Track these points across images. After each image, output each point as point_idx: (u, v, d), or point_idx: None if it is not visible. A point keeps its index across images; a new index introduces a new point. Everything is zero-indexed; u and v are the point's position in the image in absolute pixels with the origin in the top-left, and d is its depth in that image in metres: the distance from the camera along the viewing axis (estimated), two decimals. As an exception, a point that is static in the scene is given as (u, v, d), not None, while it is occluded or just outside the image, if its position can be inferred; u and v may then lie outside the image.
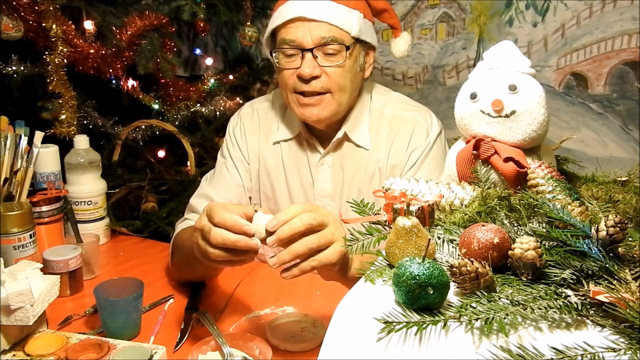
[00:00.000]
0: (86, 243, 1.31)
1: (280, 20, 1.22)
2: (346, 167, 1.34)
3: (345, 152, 1.34)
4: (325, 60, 1.21)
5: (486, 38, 1.80)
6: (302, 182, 1.36)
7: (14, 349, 0.95)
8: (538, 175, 0.81)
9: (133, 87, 1.70)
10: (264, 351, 0.97)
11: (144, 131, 1.69)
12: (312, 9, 1.20)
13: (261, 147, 1.39)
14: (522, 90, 0.91)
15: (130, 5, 1.68)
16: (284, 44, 1.22)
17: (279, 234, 0.89)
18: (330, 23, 1.20)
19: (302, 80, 1.22)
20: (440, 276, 0.59)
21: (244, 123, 1.41)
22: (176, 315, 1.13)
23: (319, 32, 1.20)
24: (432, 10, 1.86)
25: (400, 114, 1.34)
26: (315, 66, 1.21)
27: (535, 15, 1.73)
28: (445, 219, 0.83)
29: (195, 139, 1.75)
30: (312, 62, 1.21)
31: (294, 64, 1.22)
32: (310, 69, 1.20)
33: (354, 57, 1.25)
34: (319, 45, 1.20)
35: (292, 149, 1.37)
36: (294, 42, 1.21)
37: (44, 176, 1.43)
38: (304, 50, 1.20)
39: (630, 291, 0.57)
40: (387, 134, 1.33)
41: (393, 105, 1.35)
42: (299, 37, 1.20)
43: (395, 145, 1.32)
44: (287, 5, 1.23)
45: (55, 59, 1.44)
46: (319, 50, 1.21)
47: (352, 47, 1.23)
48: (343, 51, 1.21)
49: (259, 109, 1.42)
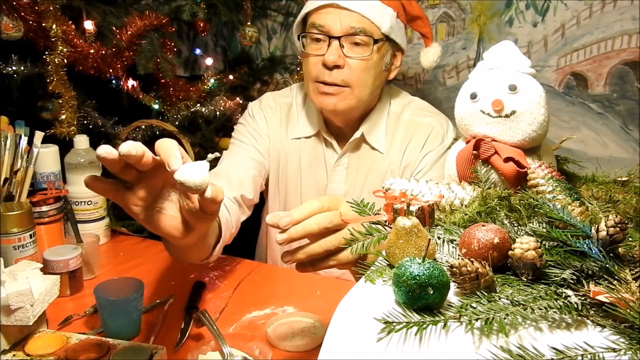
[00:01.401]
0: (86, 243, 1.31)
1: (313, 5, 1.22)
2: (361, 168, 1.34)
3: (362, 154, 1.34)
4: (352, 51, 1.21)
5: (486, 38, 1.80)
6: (317, 181, 1.37)
7: (14, 349, 0.95)
8: (538, 175, 0.81)
9: (133, 87, 1.70)
10: (264, 351, 0.97)
11: (144, 131, 1.69)
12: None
13: (282, 140, 1.39)
14: (522, 90, 0.91)
15: (130, 5, 1.68)
16: (312, 27, 1.22)
17: (291, 233, 0.83)
18: (362, 14, 1.19)
19: (325, 67, 1.21)
20: (440, 276, 0.59)
21: (267, 113, 1.41)
22: (176, 315, 1.13)
23: (350, 21, 1.19)
24: (432, 10, 1.86)
25: (418, 119, 1.34)
26: (341, 55, 1.20)
27: (535, 15, 1.73)
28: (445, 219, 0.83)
29: (195, 139, 1.75)
30: (338, 51, 1.20)
31: (320, 50, 1.22)
32: (334, 57, 1.20)
33: (381, 53, 1.24)
34: (347, 35, 1.19)
35: (310, 147, 1.38)
36: (323, 27, 1.20)
37: (44, 176, 1.43)
38: (331, 38, 1.20)
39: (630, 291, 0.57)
40: (403, 137, 1.33)
41: (411, 111, 1.36)
42: (328, 22, 1.20)
43: (410, 149, 1.32)
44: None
45: (55, 59, 1.44)
46: (346, 40, 1.20)
47: (381, 43, 1.22)
48: (371, 44, 1.20)
49: (281, 103, 1.42)
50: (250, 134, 1.40)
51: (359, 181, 1.34)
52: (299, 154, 1.38)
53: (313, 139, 1.37)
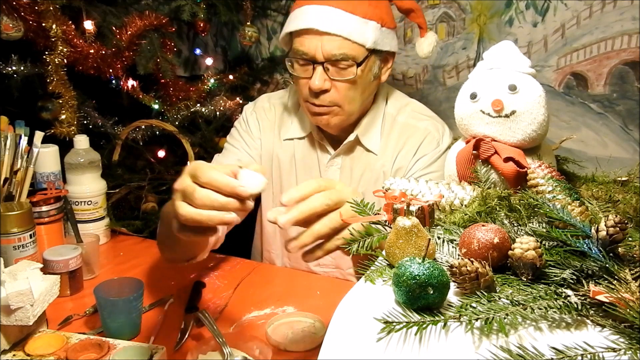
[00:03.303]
0: (86, 243, 1.31)
1: (294, 27, 1.22)
2: (355, 169, 1.34)
3: (356, 155, 1.34)
4: (337, 73, 1.21)
5: (486, 38, 1.80)
6: None
7: (14, 349, 0.95)
8: (538, 175, 0.81)
9: (133, 87, 1.70)
10: (264, 351, 0.97)
11: (144, 131, 1.69)
12: (325, 21, 1.18)
13: (275, 142, 1.40)
14: (522, 90, 0.91)
15: (130, 5, 1.68)
16: (297, 54, 1.22)
17: (296, 215, 0.83)
18: (343, 37, 1.18)
19: (312, 93, 1.22)
20: (440, 276, 0.59)
21: (260, 115, 1.42)
22: (176, 315, 1.13)
23: (330, 47, 1.18)
24: (432, 10, 1.86)
25: (413, 122, 1.34)
26: (326, 79, 1.21)
27: (535, 15, 1.73)
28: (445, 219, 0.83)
29: (195, 139, 1.75)
30: (323, 76, 1.20)
31: (307, 73, 1.23)
32: (320, 83, 1.20)
33: (368, 67, 1.23)
34: (330, 59, 1.19)
35: (303, 147, 1.38)
36: (307, 54, 1.20)
37: (44, 176, 1.43)
38: (315, 63, 1.20)
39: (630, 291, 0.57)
40: (397, 140, 1.33)
41: (407, 113, 1.35)
42: (311, 49, 1.19)
43: (403, 152, 1.32)
44: (302, 12, 1.22)
45: (55, 59, 1.44)
46: (330, 64, 1.20)
47: (366, 60, 1.21)
48: (354, 67, 1.20)
49: (275, 104, 1.43)
50: (242, 138, 1.41)
51: (354, 181, 1.33)
52: (292, 155, 1.38)
53: (306, 140, 1.38)
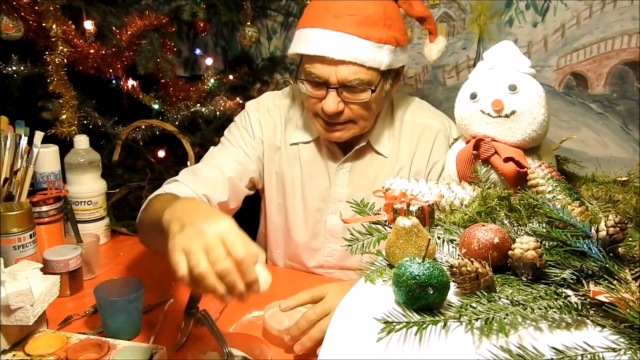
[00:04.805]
0: (86, 243, 1.31)
1: (306, 51, 1.19)
2: (365, 173, 1.33)
3: (366, 159, 1.33)
4: (351, 96, 1.19)
5: (486, 38, 1.80)
6: (319, 185, 1.36)
7: (14, 349, 0.95)
8: (538, 175, 0.81)
9: (133, 87, 1.70)
10: (264, 351, 0.97)
11: (144, 131, 1.69)
12: (339, 48, 1.15)
13: (278, 144, 1.38)
14: (522, 90, 0.91)
15: (130, 5, 1.68)
16: (309, 75, 1.20)
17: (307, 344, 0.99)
18: (357, 64, 1.16)
19: (325, 114, 1.21)
20: (440, 276, 0.59)
21: (263, 115, 1.39)
22: (176, 315, 1.13)
23: (345, 74, 1.16)
24: (432, 10, 1.86)
25: (420, 120, 1.33)
26: (340, 101, 1.19)
27: (535, 15, 1.73)
28: (445, 219, 0.83)
29: (195, 139, 1.75)
30: (337, 99, 1.19)
31: (319, 93, 1.21)
32: (334, 106, 1.18)
33: (381, 87, 1.22)
34: (344, 84, 1.18)
35: (310, 151, 1.36)
36: (320, 77, 1.18)
37: (44, 176, 1.43)
38: (329, 87, 1.19)
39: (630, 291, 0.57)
40: (409, 141, 1.32)
41: (412, 111, 1.35)
42: (324, 74, 1.18)
43: (418, 154, 1.32)
44: (315, 36, 1.18)
45: (55, 59, 1.44)
46: (343, 88, 1.18)
47: (379, 83, 1.20)
48: (368, 91, 1.19)
49: (280, 106, 1.40)
50: (241, 136, 1.38)
51: (365, 185, 1.32)
52: (298, 157, 1.36)
53: (313, 144, 1.36)
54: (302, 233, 1.39)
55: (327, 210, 1.36)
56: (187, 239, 0.77)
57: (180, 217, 0.83)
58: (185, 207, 0.87)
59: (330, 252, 1.38)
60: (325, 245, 1.38)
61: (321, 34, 1.17)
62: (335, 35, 1.16)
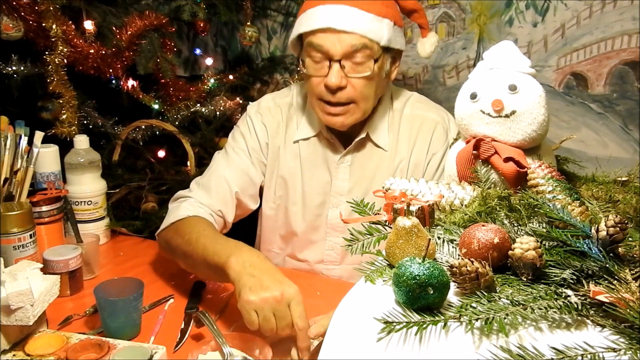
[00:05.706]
0: (86, 243, 1.31)
1: (309, 27, 1.21)
2: (366, 166, 1.34)
3: (366, 152, 1.34)
4: (353, 70, 1.21)
5: (486, 38, 1.80)
6: (320, 179, 1.37)
7: (14, 349, 0.95)
8: (538, 175, 0.81)
9: (133, 87, 1.70)
10: (264, 351, 0.97)
11: (144, 131, 1.69)
12: (342, 19, 1.18)
13: (281, 143, 1.38)
14: (522, 90, 0.91)
15: (130, 5, 1.68)
16: (311, 48, 1.22)
17: None
18: (360, 34, 1.18)
19: (329, 90, 1.22)
20: (440, 276, 0.59)
21: (266, 117, 1.40)
22: (176, 315, 1.13)
23: (350, 39, 1.18)
24: (432, 10, 1.86)
25: (419, 113, 1.35)
26: (342, 76, 1.20)
27: (535, 15, 1.73)
28: (445, 219, 0.83)
29: (195, 139, 1.75)
30: (340, 73, 1.20)
31: (322, 71, 1.22)
32: (337, 80, 1.20)
33: (381, 64, 1.24)
34: (347, 55, 1.19)
35: (311, 147, 1.37)
36: (322, 47, 1.20)
37: (44, 176, 1.43)
38: (331, 60, 1.20)
39: (630, 291, 0.57)
40: (408, 133, 1.34)
41: (412, 105, 1.37)
42: (327, 44, 1.19)
43: (417, 146, 1.33)
44: (316, 12, 1.21)
45: (55, 59, 1.44)
46: (347, 60, 1.20)
47: (380, 57, 1.22)
48: (371, 62, 1.20)
49: (281, 104, 1.41)
50: (246, 144, 1.39)
51: (365, 178, 1.33)
52: (297, 154, 1.37)
53: (314, 139, 1.37)
54: (302, 227, 1.39)
55: (328, 205, 1.37)
56: (263, 302, 0.95)
57: (251, 273, 0.99)
58: (253, 261, 1.01)
59: (331, 246, 1.38)
60: (327, 239, 1.38)
61: (323, 9, 1.20)
62: (338, 8, 1.19)
